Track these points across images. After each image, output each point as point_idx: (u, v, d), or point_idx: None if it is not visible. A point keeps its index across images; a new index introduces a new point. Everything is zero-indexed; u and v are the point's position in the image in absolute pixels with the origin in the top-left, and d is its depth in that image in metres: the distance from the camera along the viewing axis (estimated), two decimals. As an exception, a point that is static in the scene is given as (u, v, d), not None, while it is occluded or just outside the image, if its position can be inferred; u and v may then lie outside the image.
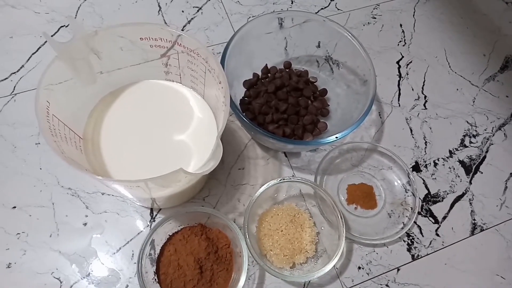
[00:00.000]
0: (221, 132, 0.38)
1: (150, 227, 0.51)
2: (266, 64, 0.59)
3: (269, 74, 0.59)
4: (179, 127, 0.47)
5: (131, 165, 0.44)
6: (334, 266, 0.50)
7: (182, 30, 0.65)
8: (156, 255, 0.48)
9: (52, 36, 0.62)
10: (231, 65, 0.52)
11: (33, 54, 0.60)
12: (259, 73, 0.59)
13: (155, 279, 0.47)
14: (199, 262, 0.46)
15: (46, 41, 0.61)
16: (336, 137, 0.46)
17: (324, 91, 0.58)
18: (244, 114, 0.48)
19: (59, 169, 0.53)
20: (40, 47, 0.61)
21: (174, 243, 0.48)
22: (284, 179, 0.51)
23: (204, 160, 0.38)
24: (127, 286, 0.48)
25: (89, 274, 0.49)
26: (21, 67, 0.59)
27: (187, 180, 0.43)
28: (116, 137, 0.46)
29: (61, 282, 0.48)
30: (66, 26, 0.63)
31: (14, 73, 0.58)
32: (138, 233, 0.51)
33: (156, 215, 0.52)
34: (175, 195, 0.46)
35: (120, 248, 0.50)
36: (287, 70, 0.59)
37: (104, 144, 0.45)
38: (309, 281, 0.50)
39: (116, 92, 0.49)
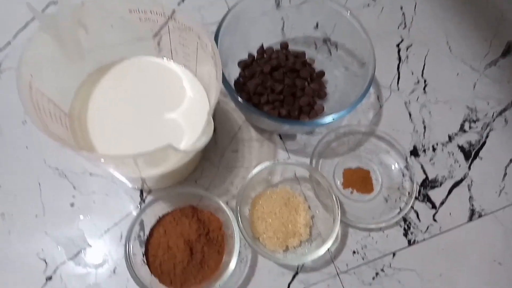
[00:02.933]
0: (213, 108, 0.36)
1: (140, 208, 0.49)
2: (262, 44, 0.57)
3: (264, 55, 0.57)
4: (170, 105, 0.45)
5: (119, 143, 0.43)
6: (328, 250, 0.49)
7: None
8: (146, 237, 0.47)
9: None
10: (225, 45, 0.50)
11: (20, 30, 0.58)
12: (255, 54, 0.57)
13: (144, 261, 0.45)
14: (189, 244, 0.44)
15: (34, 17, 0.59)
16: (333, 118, 0.45)
17: (322, 73, 0.56)
18: (238, 94, 0.46)
19: (46, 148, 0.52)
20: (28, 23, 0.59)
21: (164, 225, 0.46)
22: (278, 161, 0.49)
23: (195, 139, 0.37)
24: (115, 268, 0.47)
25: (75, 255, 0.47)
26: (7, 44, 0.57)
27: (177, 159, 0.41)
28: (104, 114, 0.44)
29: (46, 264, 0.46)
30: (55, 3, 0.61)
31: (0, 50, 0.56)
32: (127, 215, 0.49)
33: (146, 197, 0.50)
34: (165, 175, 0.45)
35: (108, 230, 0.49)
36: (284, 51, 0.57)
37: (91, 121, 0.43)
38: (303, 265, 0.48)
39: (105, 68, 0.47)
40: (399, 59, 0.62)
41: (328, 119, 0.45)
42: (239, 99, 0.46)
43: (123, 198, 0.50)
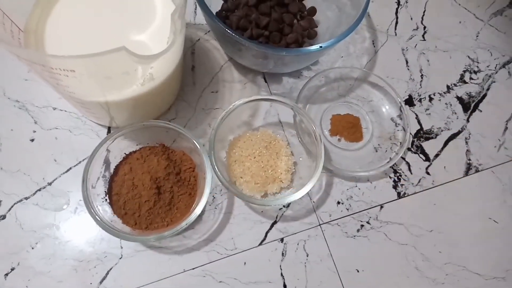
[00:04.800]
0: (178, 9, 0.31)
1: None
2: (248, -26, 0.51)
3: (251, -12, 0.52)
4: (139, 24, 0.40)
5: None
6: (310, 199, 0.45)
7: None
8: (110, 175, 0.42)
9: None
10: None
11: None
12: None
13: (106, 199, 0.41)
14: (156, 181, 0.40)
15: None
16: (321, 46, 0.40)
17: (313, 10, 0.51)
18: (217, 17, 0.41)
19: (5, 79, 0.47)
20: None
21: (131, 162, 0.42)
22: (261, 98, 0.45)
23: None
24: (76, 208, 0.43)
25: (34, 193, 0.43)
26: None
27: (141, 79, 0.36)
28: (64, 31, 0.39)
29: (0, 201, 0.42)
30: None
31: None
32: (92, 153, 0.45)
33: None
34: (134, 107, 0.40)
35: (70, 168, 0.44)
36: (273, -16, 0.52)
37: (49, 38, 0.38)
38: (282, 214, 0.44)
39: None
40: (398, 3, 0.57)
41: (314, 47, 0.40)
42: (211, 17, 0.40)
43: (88, 135, 0.46)
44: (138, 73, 0.35)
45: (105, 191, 0.41)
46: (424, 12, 0.57)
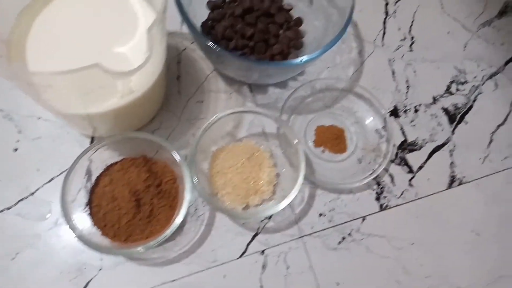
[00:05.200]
0: (156, 24, 0.31)
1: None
2: (235, -16, 0.51)
3: (238, -3, 0.52)
4: (121, 35, 0.40)
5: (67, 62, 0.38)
6: (292, 210, 0.45)
7: None
8: (92, 186, 0.42)
9: None
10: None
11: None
12: (228, -4, 0.52)
13: (86, 211, 0.41)
14: (135, 194, 0.40)
15: None
16: (301, 60, 0.40)
17: (299, 21, 0.51)
18: (201, 32, 0.41)
19: (-10, 87, 0.47)
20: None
21: (111, 174, 0.42)
22: (243, 110, 0.45)
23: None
24: (58, 219, 0.43)
25: (16, 203, 0.43)
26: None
27: (120, 92, 0.36)
28: (46, 43, 0.39)
29: (-19, 211, 0.43)
30: None
31: None
32: (75, 163, 0.45)
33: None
34: (115, 119, 0.40)
35: (53, 178, 0.44)
36: (259, -6, 0.52)
37: (31, 51, 0.38)
38: (264, 226, 0.45)
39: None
40: (386, 13, 0.57)
41: (295, 60, 0.40)
42: (192, 29, 0.40)
43: (72, 146, 0.46)
44: (116, 87, 0.35)
45: (86, 202, 0.41)
46: (412, 22, 0.56)
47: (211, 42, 0.40)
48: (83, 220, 0.40)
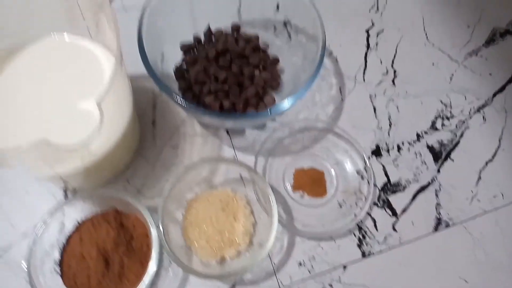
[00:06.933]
0: (106, 94, 0.30)
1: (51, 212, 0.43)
2: (209, 25, 0.50)
3: (213, 38, 0.51)
4: (86, 90, 0.39)
5: (18, 136, 0.37)
6: (271, 261, 0.44)
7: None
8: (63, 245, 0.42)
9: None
10: (160, 24, 0.44)
11: None
12: (202, 37, 0.51)
13: (57, 271, 0.40)
14: (104, 254, 0.39)
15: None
16: (270, 113, 0.39)
17: (276, 60, 0.50)
18: (162, 82, 0.39)
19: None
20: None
21: (82, 232, 0.41)
22: (207, 159, 0.44)
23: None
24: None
25: (-14, 261, 0.42)
26: None
27: (79, 157, 0.36)
28: (7, 106, 0.38)
29: (-48, 270, 0.42)
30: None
31: None
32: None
33: (70, 197, 0.45)
34: (84, 175, 0.40)
35: (26, 232, 0.44)
36: (235, 33, 0.51)
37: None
38: (241, 278, 0.43)
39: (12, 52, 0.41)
40: (368, 46, 0.55)
41: (264, 113, 0.39)
42: (157, 80, 0.39)
43: (43, 197, 0.45)
44: (73, 154, 0.34)
45: (57, 262, 0.40)
46: (395, 54, 0.55)
47: (176, 95, 0.39)
48: (54, 280, 0.39)
